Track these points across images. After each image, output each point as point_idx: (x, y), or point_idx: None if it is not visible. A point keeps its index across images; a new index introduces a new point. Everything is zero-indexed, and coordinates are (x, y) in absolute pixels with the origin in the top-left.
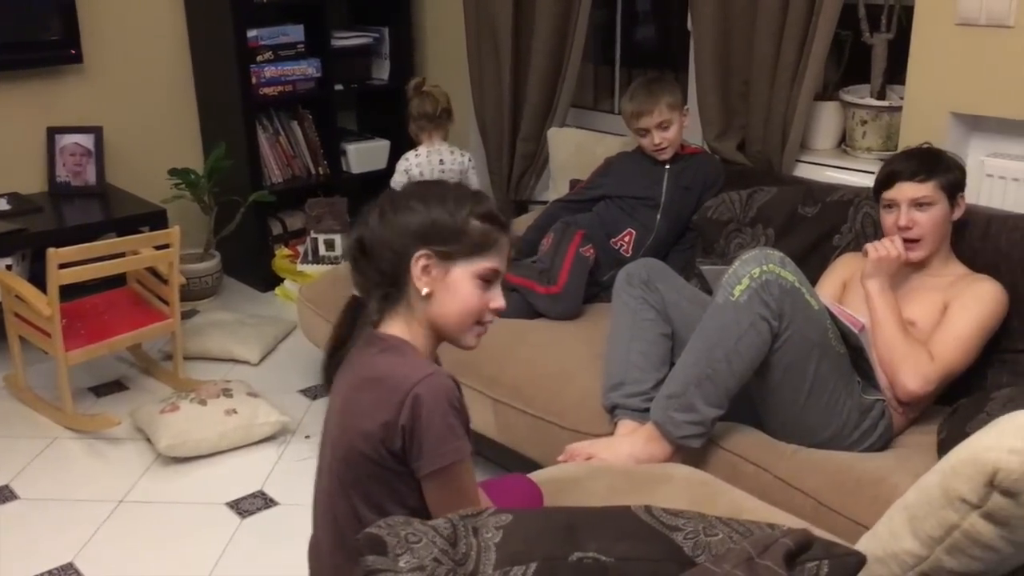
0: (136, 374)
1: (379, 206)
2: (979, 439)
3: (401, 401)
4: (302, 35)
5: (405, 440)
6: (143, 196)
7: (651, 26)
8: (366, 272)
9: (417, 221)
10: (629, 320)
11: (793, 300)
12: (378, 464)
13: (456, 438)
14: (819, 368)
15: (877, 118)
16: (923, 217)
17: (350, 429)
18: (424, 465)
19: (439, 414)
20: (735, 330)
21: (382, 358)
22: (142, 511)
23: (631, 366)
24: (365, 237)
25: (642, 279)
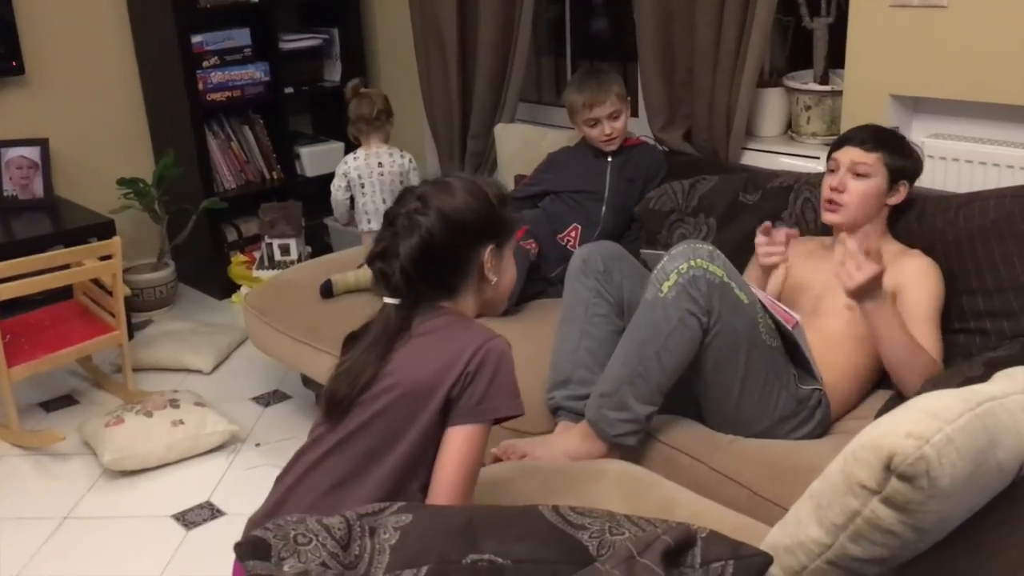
0: (87, 387)
1: (421, 209)
2: (878, 425)
3: (469, 357)
4: (248, 39)
5: (463, 384)
6: (93, 207)
7: (602, 19)
8: (426, 274)
9: (473, 218)
10: (581, 315)
11: (722, 294)
12: (429, 409)
13: (504, 398)
14: (750, 361)
15: (820, 103)
16: (855, 185)
17: (411, 378)
18: (468, 412)
19: (499, 373)
20: (665, 327)
21: (449, 321)
22: (87, 527)
23: (579, 364)
24: (426, 241)
25: (598, 268)
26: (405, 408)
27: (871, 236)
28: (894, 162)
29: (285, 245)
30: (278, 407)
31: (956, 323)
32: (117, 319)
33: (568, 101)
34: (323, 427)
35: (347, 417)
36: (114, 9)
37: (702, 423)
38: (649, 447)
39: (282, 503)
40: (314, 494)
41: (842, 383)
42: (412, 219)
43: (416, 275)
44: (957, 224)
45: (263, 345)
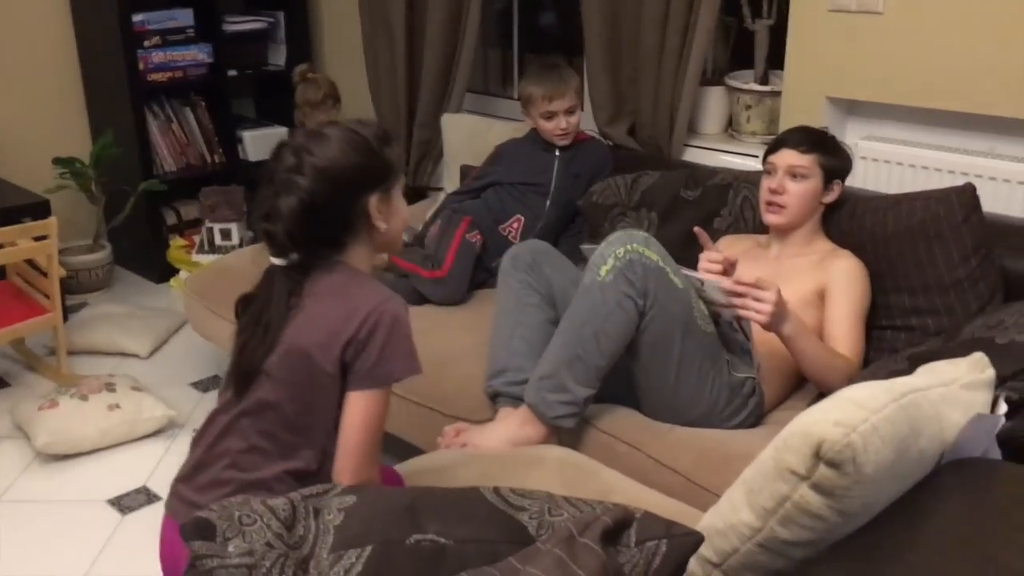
0: (19, 370)
1: (298, 167)
2: (808, 413)
3: (363, 320)
4: (191, 19)
5: (355, 351)
6: (27, 187)
7: (550, 12)
8: (311, 233)
9: (352, 170)
10: (513, 305)
11: (657, 278)
12: (326, 374)
13: (398, 361)
14: (684, 346)
15: (760, 102)
16: (794, 187)
17: (306, 337)
18: (364, 379)
19: (392, 338)
20: (602, 309)
21: (344, 277)
22: (19, 510)
23: (514, 353)
24: (305, 201)
25: (527, 262)
26: (303, 373)
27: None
28: (828, 162)
29: (226, 230)
30: (216, 392)
31: (884, 320)
32: (52, 301)
33: (525, 93)
34: (231, 391)
35: (250, 393)
36: None
37: (640, 411)
38: (587, 434)
39: (203, 464)
40: (231, 456)
41: (776, 375)
42: (290, 179)
43: (300, 236)
44: (886, 224)
45: (203, 330)
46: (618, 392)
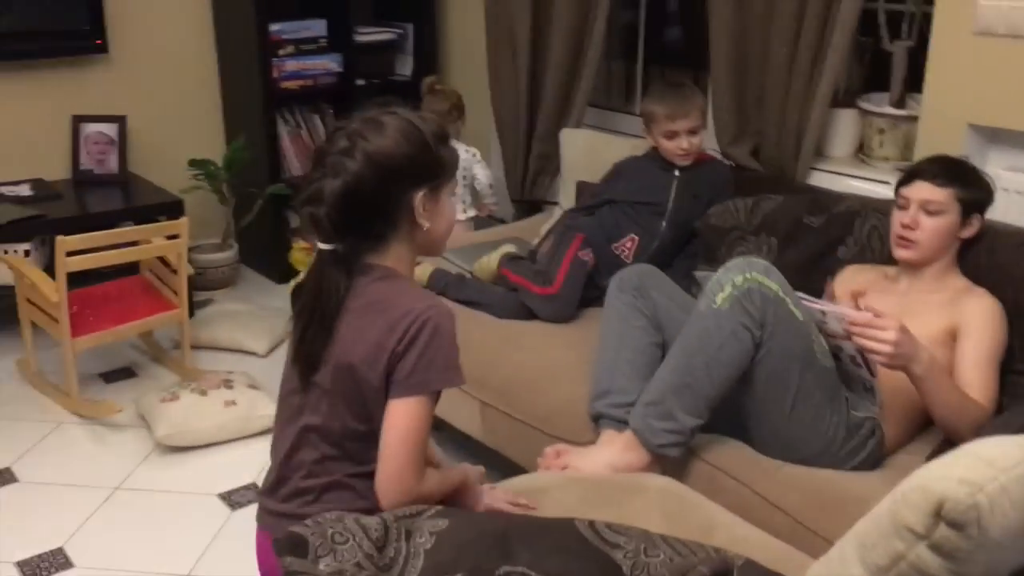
0: (146, 361)
1: (349, 151)
2: (931, 468)
3: (405, 330)
4: (324, 30)
5: (393, 361)
6: (164, 186)
7: (676, 27)
8: (353, 220)
9: (403, 162)
10: (618, 327)
11: (776, 310)
12: (374, 389)
13: (437, 370)
14: (802, 381)
15: (895, 127)
16: (928, 223)
17: (354, 351)
18: (401, 387)
19: (432, 346)
20: (716, 338)
21: (386, 285)
22: (135, 499)
23: (618, 375)
24: (350, 185)
25: (634, 285)
26: (354, 389)
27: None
28: (966, 195)
29: None
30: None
31: (1020, 364)
32: (179, 297)
33: (647, 111)
34: (297, 397)
35: (313, 390)
36: None
37: (750, 445)
38: (693, 466)
39: (283, 478)
40: (306, 467)
41: (899, 415)
42: (339, 161)
43: (342, 221)
44: None
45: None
46: (728, 423)
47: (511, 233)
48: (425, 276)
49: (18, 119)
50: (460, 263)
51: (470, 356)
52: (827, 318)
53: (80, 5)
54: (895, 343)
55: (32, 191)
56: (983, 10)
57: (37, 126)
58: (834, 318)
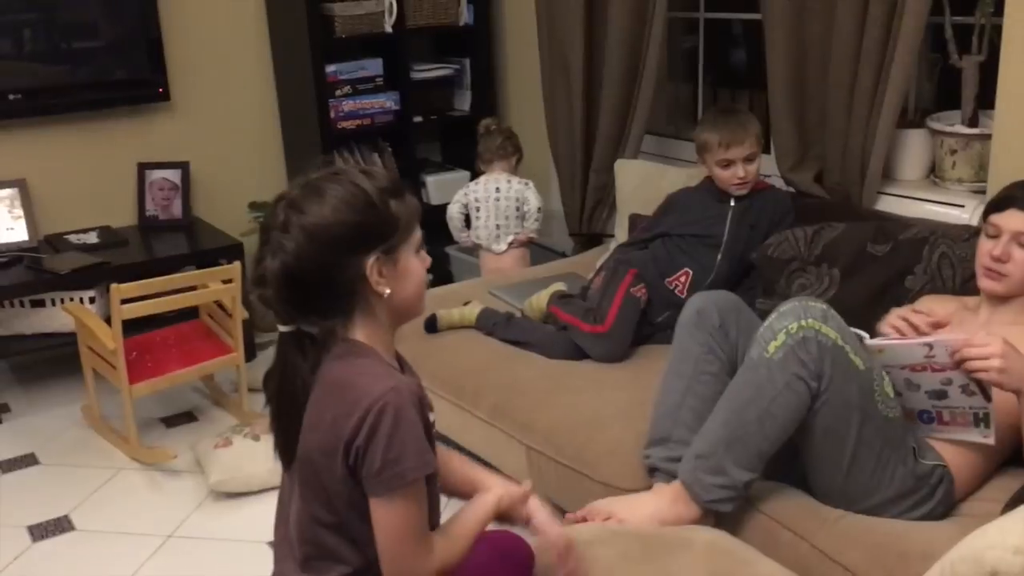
0: (208, 405)
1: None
2: (983, 535)
3: (361, 418)
4: (381, 69)
5: (358, 458)
6: (226, 229)
7: (739, 49)
8: (302, 300)
9: (345, 231)
10: (689, 370)
11: (834, 359)
12: (336, 479)
13: (405, 460)
14: (862, 433)
15: (968, 147)
16: (1020, 255)
17: (311, 439)
18: (375, 486)
19: (395, 436)
20: (769, 390)
21: (345, 365)
22: (188, 547)
23: (680, 423)
24: (290, 265)
25: (713, 324)
26: (315, 479)
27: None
28: None
29: None
30: None
31: None
32: (235, 341)
33: (701, 139)
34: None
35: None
36: (256, 39)
37: (810, 495)
38: (747, 516)
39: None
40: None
41: (973, 461)
42: (278, 239)
43: (290, 302)
44: None
45: None
46: (787, 470)
47: (567, 267)
48: (474, 316)
49: (86, 168)
50: (510, 301)
51: (517, 398)
52: (935, 350)
53: (142, 54)
54: (1001, 355)
55: (99, 238)
56: None
57: (104, 174)
58: (941, 347)
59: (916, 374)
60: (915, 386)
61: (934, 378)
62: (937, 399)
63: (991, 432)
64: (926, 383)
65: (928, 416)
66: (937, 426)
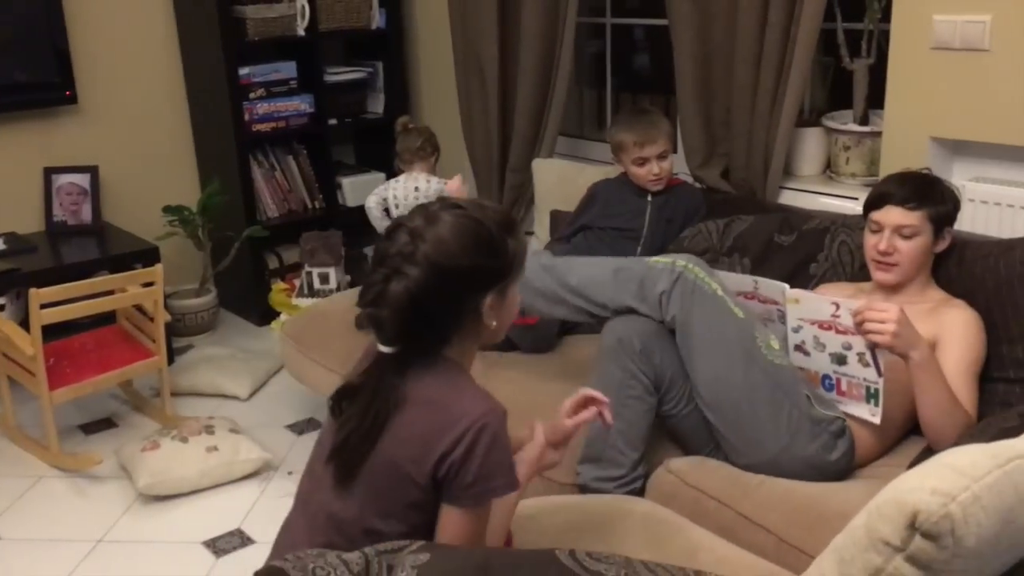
0: (127, 411)
1: (411, 255)
2: (904, 480)
3: (460, 435)
4: (294, 71)
5: (451, 471)
6: (139, 234)
7: (644, 53)
8: (415, 325)
9: (470, 270)
10: (613, 396)
11: (713, 305)
12: (416, 485)
13: (498, 478)
14: (749, 376)
15: (860, 143)
16: (905, 245)
17: (396, 450)
18: (462, 496)
19: (492, 455)
20: (635, 286)
21: (443, 383)
22: (119, 551)
23: (610, 446)
24: (414, 293)
25: (634, 349)
26: (391, 486)
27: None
28: (937, 212)
29: (324, 274)
30: (312, 435)
31: (995, 372)
32: (157, 345)
33: (616, 140)
34: (325, 490)
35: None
36: (165, 41)
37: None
38: (676, 490)
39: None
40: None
41: (874, 429)
42: (401, 265)
43: (405, 326)
44: (997, 271)
45: (298, 373)
46: (705, 443)
47: None
48: None
49: None
50: None
51: None
52: (840, 311)
53: (48, 57)
54: (897, 321)
55: (5, 245)
56: (938, 25)
57: (9, 179)
58: (846, 309)
59: (823, 332)
60: (821, 345)
61: (837, 340)
62: (838, 364)
63: (879, 411)
64: (830, 344)
65: (829, 383)
66: (836, 395)
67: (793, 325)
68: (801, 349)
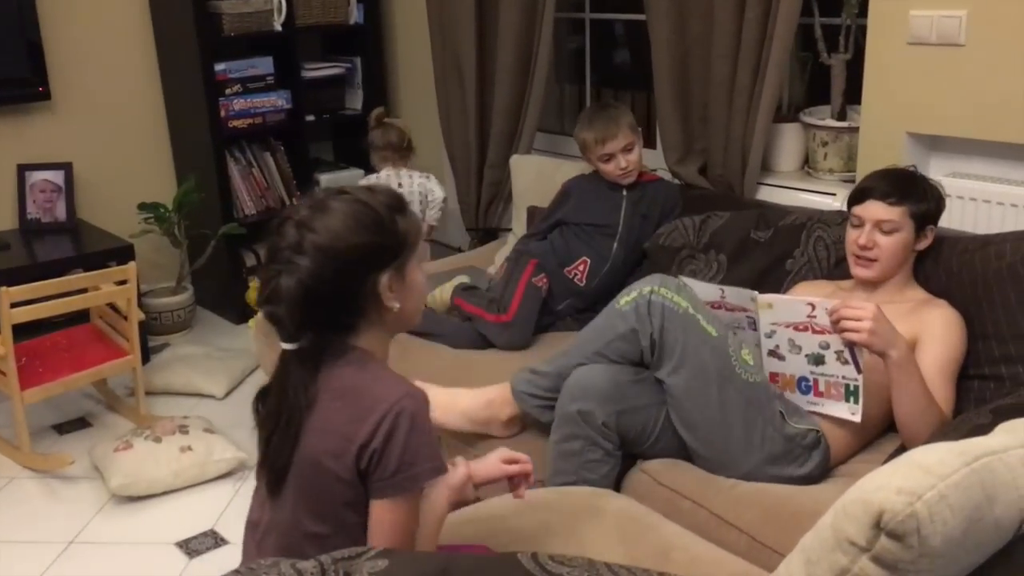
0: (101, 410)
1: (299, 245)
2: (870, 479)
3: (378, 422)
4: (271, 67)
5: (372, 461)
6: (114, 231)
7: (623, 49)
8: (314, 316)
9: (360, 249)
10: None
11: (685, 325)
12: (342, 481)
13: (422, 462)
14: (723, 394)
15: (837, 139)
16: (885, 241)
17: (317, 444)
18: (386, 487)
19: (412, 440)
20: (608, 333)
21: (356, 371)
22: (91, 552)
23: None
24: (306, 283)
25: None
26: (317, 484)
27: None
28: (919, 210)
29: None
30: None
31: (971, 368)
32: (131, 343)
33: (580, 139)
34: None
35: (284, 495)
36: (140, 36)
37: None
38: (649, 489)
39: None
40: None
41: (851, 429)
42: (290, 258)
43: (304, 319)
44: (974, 267)
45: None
46: (679, 447)
47: (466, 261)
48: None
49: None
50: None
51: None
52: (816, 311)
53: (20, 52)
54: (873, 319)
55: None
56: (915, 20)
57: None
58: (822, 308)
59: (799, 334)
60: (797, 347)
61: (814, 340)
62: (815, 364)
63: (859, 409)
64: (807, 345)
65: (806, 385)
66: (813, 396)
67: (766, 331)
68: (775, 354)
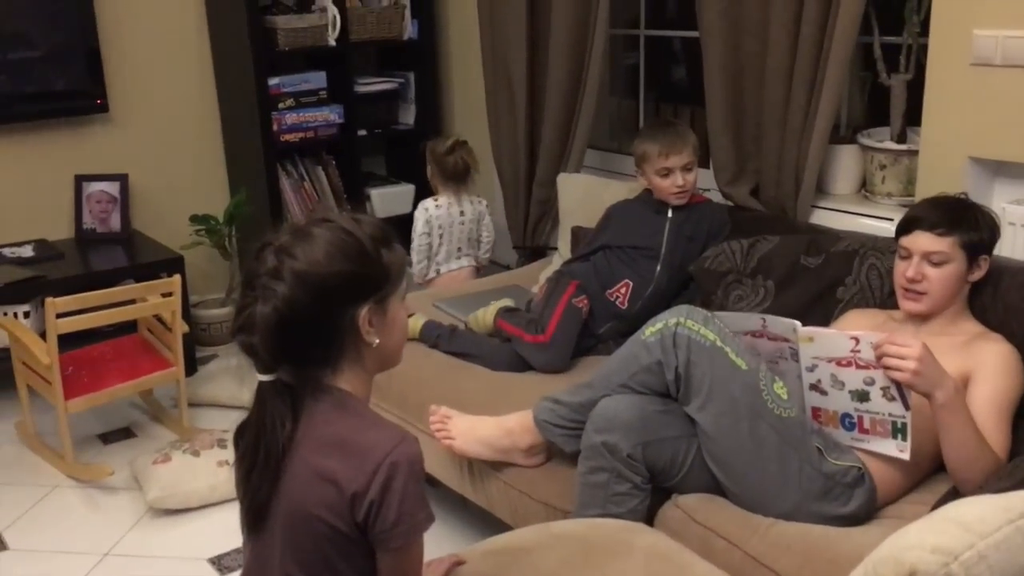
0: (146, 420)
1: (277, 271)
2: (904, 534)
3: (372, 472)
4: (324, 82)
5: (371, 513)
6: (166, 243)
7: (679, 65)
8: (290, 347)
9: (340, 280)
10: (600, 499)
11: (712, 358)
12: (337, 532)
13: (420, 511)
14: (756, 430)
15: (896, 162)
16: (934, 273)
17: (307, 495)
18: (389, 538)
19: (410, 489)
20: (633, 365)
21: (343, 418)
22: (125, 565)
23: None
24: (282, 311)
25: (621, 456)
26: (311, 537)
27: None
28: (970, 239)
29: None
30: None
31: None
32: (175, 355)
33: (641, 150)
34: (248, 549)
35: (264, 537)
36: (197, 50)
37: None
38: (682, 527)
39: None
40: None
41: (898, 467)
42: (267, 284)
43: (278, 349)
44: None
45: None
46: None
47: (511, 280)
48: (417, 328)
49: (21, 180)
50: (454, 313)
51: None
52: (860, 344)
53: (80, 65)
54: (918, 358)
55: (34, 252)
56: (979, 40)
57: (40, 187)
58: (866, 342)
59: (842, 369)
60: (840, 383)
61: (858, 376)
62: (859, 400)
63: (907, 446)
64: (850, 381)
65: (850, 422)
66: (858, 433)
67: (807, 364)
68: (817, 388)
